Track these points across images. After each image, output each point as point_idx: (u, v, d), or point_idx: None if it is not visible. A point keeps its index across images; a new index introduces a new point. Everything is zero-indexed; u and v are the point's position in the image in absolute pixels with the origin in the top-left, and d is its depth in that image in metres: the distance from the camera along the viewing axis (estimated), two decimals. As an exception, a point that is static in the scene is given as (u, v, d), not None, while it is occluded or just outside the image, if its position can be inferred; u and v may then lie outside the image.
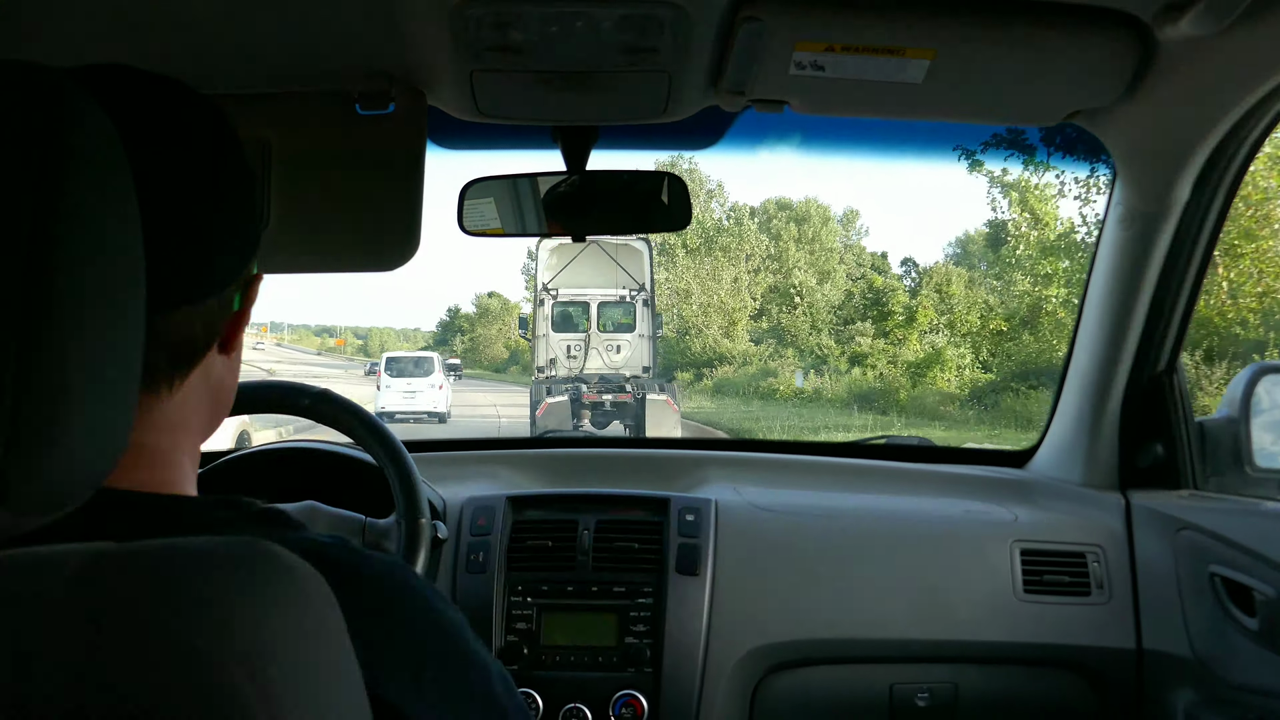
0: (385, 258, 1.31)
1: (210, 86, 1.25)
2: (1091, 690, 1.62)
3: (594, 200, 1.52)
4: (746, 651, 1.57)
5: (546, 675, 1.55)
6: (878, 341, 25.68)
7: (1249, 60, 1.19)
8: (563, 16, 1.10)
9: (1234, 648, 1.42)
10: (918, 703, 1.61)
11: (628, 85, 1.29)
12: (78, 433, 0.48)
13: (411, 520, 1.34)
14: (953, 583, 1.62)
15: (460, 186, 1.49)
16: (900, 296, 27.27)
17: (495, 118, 1.39)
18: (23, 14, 1.09)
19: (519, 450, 2.09)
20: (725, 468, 1.95)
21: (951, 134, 1.54)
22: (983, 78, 1.24)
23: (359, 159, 1.29)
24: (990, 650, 1.61)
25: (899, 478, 1.92)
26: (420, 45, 1.18)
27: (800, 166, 49.78)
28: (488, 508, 1.67)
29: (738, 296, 30.76)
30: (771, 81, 1.24)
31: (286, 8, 1.10)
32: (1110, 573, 1.63)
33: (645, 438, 10.86)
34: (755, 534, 1.66)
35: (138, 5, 1.09)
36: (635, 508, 1.69)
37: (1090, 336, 1.70)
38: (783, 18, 1.12)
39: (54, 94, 0.48)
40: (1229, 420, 1.61)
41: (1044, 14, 1.13)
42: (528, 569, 1.61)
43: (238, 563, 0.48)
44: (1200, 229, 1.51)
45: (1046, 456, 1.88)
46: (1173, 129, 1.37)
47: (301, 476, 1.57)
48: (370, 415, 1.40)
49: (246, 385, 1.37)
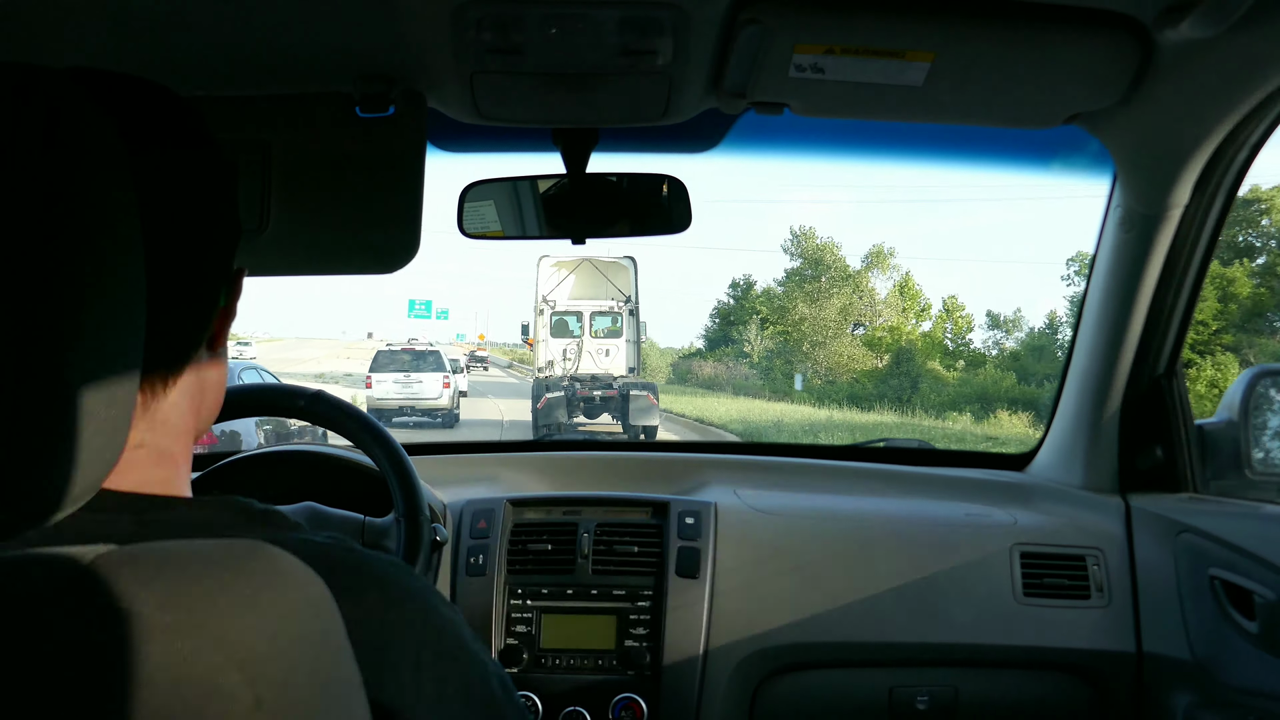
0: (385, 260, 1.31)
1: (211, 88, 1.25)
2: (1091, 693, 1.62)
3: (594, 203, 1.52)
4: (746, 655, 1.57)
5: (546, 678, 1.54)
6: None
7: (1249, 63, 1.20)
8: (563, 18, 1.10)
9: (1234, 651, 1.42)
10: (917, 706, 1.61)
11: (628, 87, 1.29)
12: (78, 434, 0.48)
13: (411, 519, 1.34)
14: (953, 586, 1.62)
15: (460, 189, 1.50)
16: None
17: (495, 120, 1.39)
18: (23, 15, 1.09)
19: (518, 453, 2.09)
20: (725, 471, 1.94)
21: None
22: (983, 80, 1.24)
23: (359, 161, 1.29)
24: (990, 653, 1.61)
25: (899, 481, 1.92)
26: (420, 47, 1.18)
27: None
28: (487, 510, 1.67)
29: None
30: (771, 84, 1.24)
31: (287, 10, 1.10)
32: (1110, 576, 1.63)
33: (646, 441, 12.16)
34: (755, 537, 1.66)
35: (138, 7, 1.09)
36: (635, 510, 1.69)
37: (1090, 339, 1.69)
38: (783, 20, 1.12)
39: (55, 95, 0.48)
40: (1229, 423, 1.61)
41: (1044, 16, 1.13)
42: (527, 572, 1.61)
43: (238, 565, 0.48)
44: (1200, 231, 1.51)
45: (1046, 459, 1.88)
46: (1173, 132, 1.37)
47: (300, 479, 1.57)
48: (368, 417, 1.40)
49: (241, 389, 1.37)
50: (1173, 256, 1.54)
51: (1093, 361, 1.69)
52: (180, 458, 0.66)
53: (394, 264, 1.31)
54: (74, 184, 0.48)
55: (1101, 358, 1.67)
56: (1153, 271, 1.56)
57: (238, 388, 1.37)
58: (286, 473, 1.57)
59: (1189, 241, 1.52)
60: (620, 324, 17.02)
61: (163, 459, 0.64)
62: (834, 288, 35.09)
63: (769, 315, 37.86)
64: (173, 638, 0.44)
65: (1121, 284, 1.60)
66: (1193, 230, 1.51)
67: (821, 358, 33.47)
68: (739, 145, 1.61)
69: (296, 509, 1.38)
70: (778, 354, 36.05)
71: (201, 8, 1.10)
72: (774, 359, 35.74)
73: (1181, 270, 1.56)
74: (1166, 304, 1.58)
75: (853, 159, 1.95)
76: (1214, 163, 1.41)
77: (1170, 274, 1.56)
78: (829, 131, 1.68)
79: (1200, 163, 1.41)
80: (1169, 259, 1.55)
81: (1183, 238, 1.52)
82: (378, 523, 1.39)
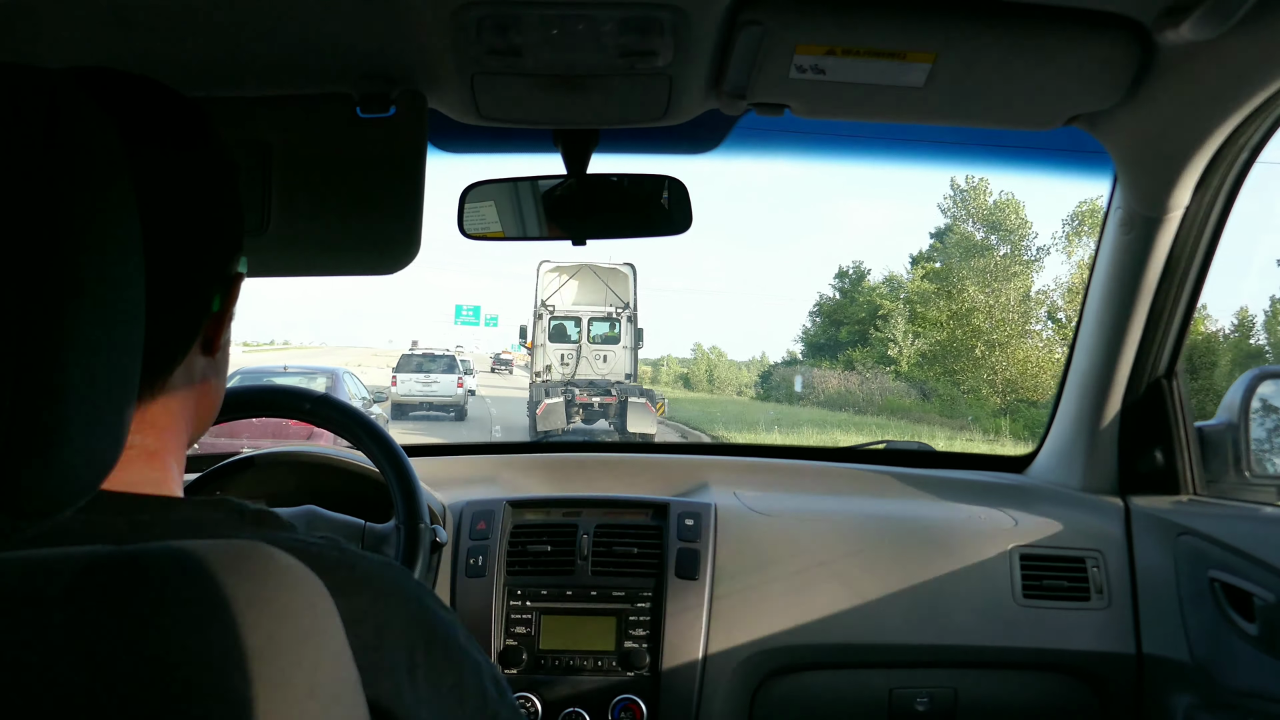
0: (386, 261, 1.31)
1: (211, 89, 1.25)
2: (1091, 695, 1.62)
3: (594, 204, 1.52)
4: (746, 656, 1.57)
5: (545, 679, 1.54)
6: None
7: (1249, 64, 1.20)
8: (563, 19, 1.10)
9: (1233, 653, 1.42)
10: (917, 707, 1.61)
11: (628, 88, 1.29)
12: (77, 436, 0.48)
13: (411, 524, 1.34)
14: (952, 587, 1.62)
15: (461, 189, 1.50)
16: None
17: (496, 121, 1.39)
18: (23, 15, 1.09)
19: (518, 454, 2.09)
20: (724, 472, 1.94)
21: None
22: (983, 81, 1.24)
23: (360, 162, 1.29)
24: (990, 655, 1.61)
25: (899, 482, 1.92)
26: (421, 48, 1.18)
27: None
28: (487, 512, 1.66)
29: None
30: (772, 85, 1.24)
31: (287, 10, 1.10)
32: (1110, 578, 1.63)
33: (646, 443, 11.98)
34: (755, 538, 1.66)
35: (138, 7, 1.09)
36: (635, 512, 1.69)
37: (1090, 341, 1.70)
38: (783, 21, 1.12)
39: (54, 96, 0.48)
40: (1228, 425, 1.61)
41: (1045, 18, 1.13)
42: (527, 573, 1.61)
43: (235, 565, 0.48)
44: (1200, 233, 1.51)
45: (1046, 461, 1.88)
46: (1173, 133, 1.37)
47: (302, 481, 1.57)
48: (370, 420, 1.40)
49: (247, 389, 1.37)
50: (1173, 258, 1.54)
51: (1093, 363, 1.69)
52: (172, 459, 0.66)
53: (394, 264, 1.31)
54: (74, 184, 0.48)
55: (1101, 359, 1.67)
56: (1153, 273, 1.56)
57: (244, 388, 1.37)
58: (288, 475, 1.57)
59: (1189, 243, 1.52)
60: (619, 330, 17.18)
61: (153, 460, 0.64)
62: (1014, 265, 25.11)
63: (917, 305, 27.90)
64: (171, 638, 0.44)
65: (1122, 285, 1.60)
66: (1193, 232, 1.51)
67: (1000, 365, 23.95)
68: (739, 146, 1.61)
69: (296, 512, 1.38)
70: (932, 359, 26.42)
71: (202, 8, 1.10)
72: (926, 366, 26.42)
73: (1182, 272, 1.56)
74: (1166, 305, 1.59)
75: (853, 160, 1.95)
76: (1214, 164, 1.42)
77: (1170, 275, 1.56)
78: (830, 132, 1.68)
79: (1201, 164, 1.41)
80: (1169, 260, 1.55)
81: (1183, 239, 1.52)
82: (378, 528, 1.39)
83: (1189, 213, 1.49)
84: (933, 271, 28.85)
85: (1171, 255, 1.54)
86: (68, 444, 0.47)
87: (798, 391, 29.62)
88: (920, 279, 29.42)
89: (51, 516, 0.48)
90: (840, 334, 32.95)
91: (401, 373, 21.35)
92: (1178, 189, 1.45)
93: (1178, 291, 1.58)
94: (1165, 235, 1.52)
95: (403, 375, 21.25)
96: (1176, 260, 1.54)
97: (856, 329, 32.00)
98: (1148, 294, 1.58)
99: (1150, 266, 1.55)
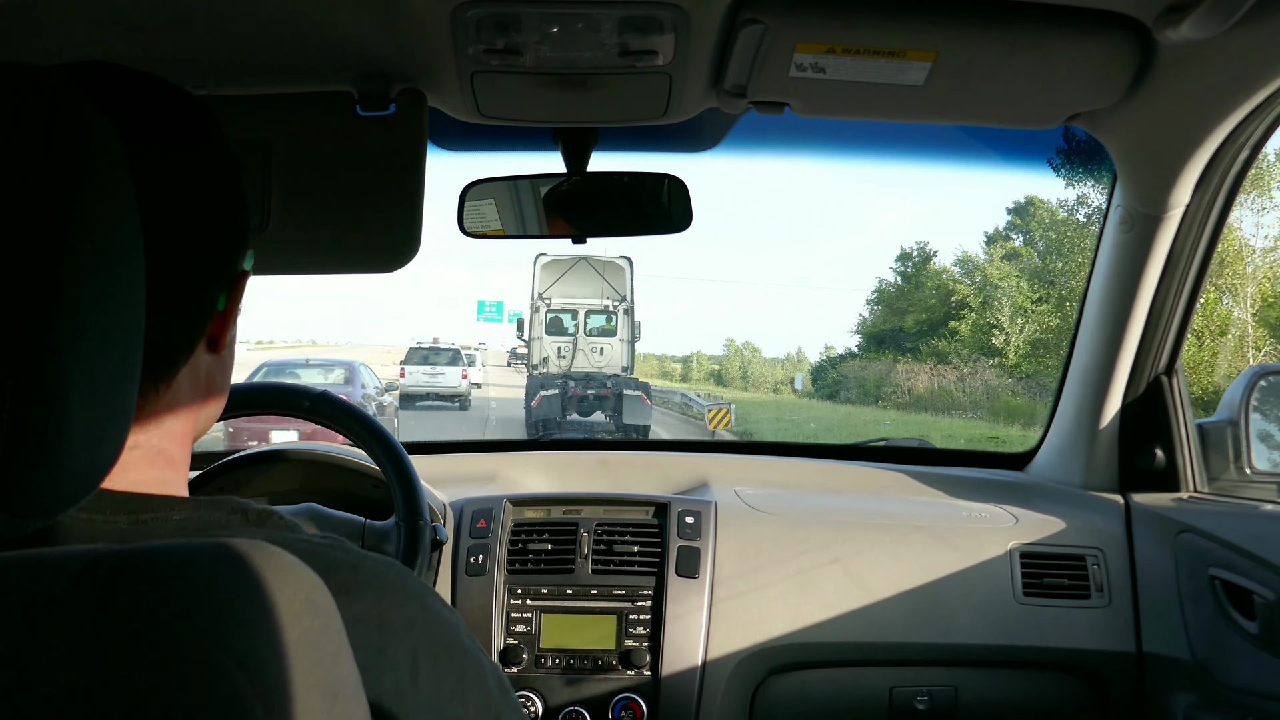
0: (386, 259, 1.31)
1: (210, 87, 1.25)
2: (1091, 694, 1.62)
3: (594, 202, 1.52)
4: (746, 654, 1.57)
5: (546, 678, 1.54)
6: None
7: (1249, 63, 1.19)
8: (563, 18, 1.10)
9: (1234, 651, 1.42)
10: (917, 706, 1.61)
11: (628, 87, 1.28)
12: (77, 435, 0.47)
13: (411, 522, 1.34)
14: (952, 586, 1.62)
15: (461, 187, 1.50)
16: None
17: (496, 119, 1.39)
18: (23, 14, 1.09)
19: (519, 452, 2.09)
20: (725, 470, 1.94)
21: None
22: (984, 80, 1.24)
23: (359, 160, 1.28)
24: (990, 653, 1.61)
25: (899, 480, 1.92)
26: (421, 46, 1.18)
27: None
28: (487, 510, 1.67)
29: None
30: (772, 83, 1.24)
31: (287, 9, 1.10)
32: (1110, 576, 1.63)
33: (646, 440, 11.97)
34: (755, 537, 1.66)
35: (138, 6, 1.08)
36: (635, 510, 1.69)
37: (1090, 339, 1.70)
38: (784, 19, 1.12)
39: (53, 95, 0.48)
40: (1228, 423, 1.61)
41: (1045, 16, 1.13)
42: (527, 571, 1.61)
43: (238, 564, 0.48)
44: (1200, 231, 1.51)
45: (1046, 459, 1.88)
46: (1173, 131, 1.37)
47: (302, 479, 1.57)
48: (371, 418, 1.40)
49: (247, 387, 1.37)
50: (1173, 256, 1.54)
51: (1093, 361, 1.69)
52: (176, 458, 0.66)
53: (394, 262, 1.31)
54: (73, 184, 0.47)
55: (1102, 357, 1.67)
56: (1153, 271, 1.56)
57: (245, 385, 1.37)
58: (288, 472, 1.57)
59: (1189, 241, 1.52)
60: (615, 323, 17.26)
61: (158, 459, 0.64)
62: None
63: (1018, 287, 23.47)
64: (172, 638, 0.44)
65: (1121, 284, 1.60)
66: (1193, 230, 1.51)
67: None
68: (740, 145, 1.61)
69: (297, 510, 1.38)
70: (1042, 349, 21.81)
71: (202, 7, 1.09)
72: (1039, 358, 21.72)
73: (1182, 270, 1.56)
74: (1166, 304, 1.59)
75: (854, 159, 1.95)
76: (1214, 163, 1.41)
77: (1170, 274, 1.56)
78: (830, 131, 1.68)
79: (1201, 163, 1.41)
80: (1169, 259, 1.55)
81: (1183, 238, 1.52)
82: (378, 526, 1.39)
83: (1189, 211, 1.49)
84: (1012, 250, 25.61)
85: (1171, 253, 1.54)
86: (68, 443, 0.47)
87: (867, 390, 24.47)
88: (1000, 259, 26.15)
89: (52, 516, 0.48)
90: (906, 323, 28.81)
91: (409, 365, 22.47)
92: (1178, 187, 1.45)
93: (1178, 289, 1.58)
94: (1165, 233, 1.52)
95: (410, 367, 22.37)
96: (1176, 258, 1.54)
97: (924, 317, 28.12)
98: (1148, 292, 1.58)
99: (1150, 264, 1.55)
